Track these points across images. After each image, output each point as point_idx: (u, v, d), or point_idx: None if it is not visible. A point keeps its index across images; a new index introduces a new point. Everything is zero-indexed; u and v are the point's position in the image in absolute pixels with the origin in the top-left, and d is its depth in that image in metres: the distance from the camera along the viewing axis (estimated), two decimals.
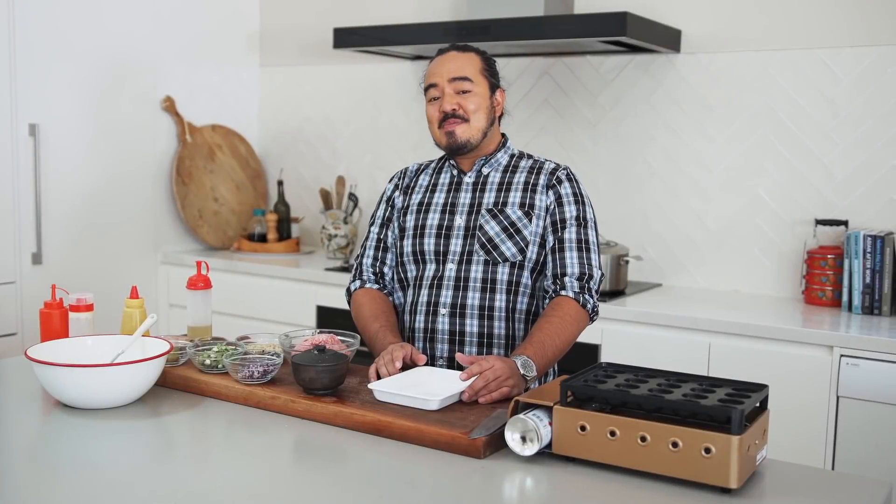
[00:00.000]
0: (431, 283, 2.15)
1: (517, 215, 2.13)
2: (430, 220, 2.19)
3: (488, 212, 2.14)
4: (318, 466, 1.63)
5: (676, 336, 2.86)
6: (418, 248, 2.18)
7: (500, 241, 2.11)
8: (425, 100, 2.18)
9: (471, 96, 2.12)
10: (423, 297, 2.16)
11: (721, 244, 3.37)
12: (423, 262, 2.18)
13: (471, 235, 2.14)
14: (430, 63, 2.19)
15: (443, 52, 2.19)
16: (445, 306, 2.13)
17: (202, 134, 4.14)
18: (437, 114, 2.13)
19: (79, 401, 1.79)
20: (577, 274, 2.09)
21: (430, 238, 2.17)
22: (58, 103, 3.57)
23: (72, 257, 3.64)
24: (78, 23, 3.61)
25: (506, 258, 2.11)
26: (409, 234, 2.21)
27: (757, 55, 3.25)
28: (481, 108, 2.13)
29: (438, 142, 2.17)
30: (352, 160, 4.21)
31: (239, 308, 3.74)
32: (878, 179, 3.06)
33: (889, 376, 2.54)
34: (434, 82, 2.14)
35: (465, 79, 2.12)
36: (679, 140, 3.42)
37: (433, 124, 2.16)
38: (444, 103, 2.12)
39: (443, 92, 2.12)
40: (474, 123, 2.12)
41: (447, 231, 2.16)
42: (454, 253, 2.14)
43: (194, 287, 2.19)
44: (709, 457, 1.43)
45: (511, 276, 2.12)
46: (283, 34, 4.35)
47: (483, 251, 2.12)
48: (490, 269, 2.12)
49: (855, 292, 2.93)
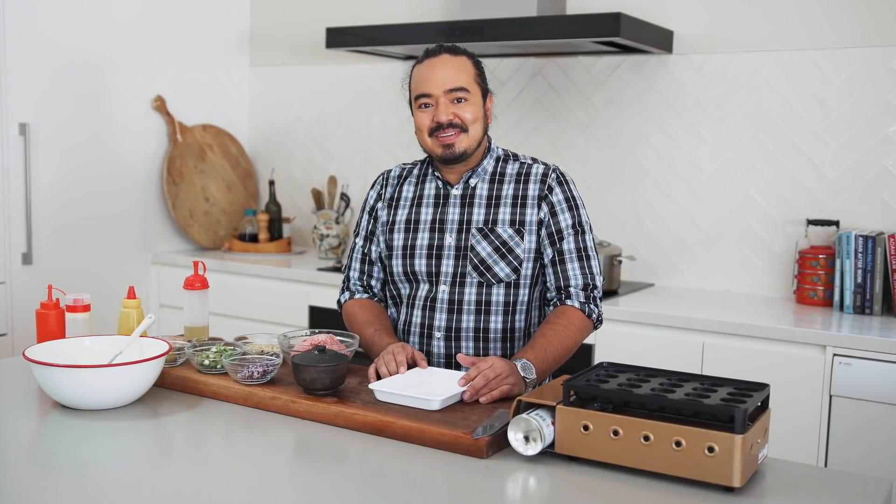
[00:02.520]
0: (425, 305, 2.11)
1: (508, 234, 2.07)
2: (419, 240, 2.13)
3: (479, 231, 2.08)
4: (319, 467, 1.62)
5: (670, 336, 2.88)
6: (409, 268, 2.13)
7: (493, 261, 2.07)
8: (411, 104, 2.09)
9: (467, 105, 2.04)
10: (416, 318, 2.13)
11: (713, 244, 3.38)
12: (414, 282, 2.14)
13: (462, 256, 2.08)
14: (419, 65, 2.08)
15: (432, 54, 2.08)
16: (440, 329, 2.09)
17: (193, 134, 4.13)
18: (430, 122, 2.04)
19: (78, 402, 1.78)
20: (581, 284, 2.08)
21: (421, 259, 2.12)
22: (48, 102, 3.55)
23: (62, 257, 3.62)
24: (68, 22, 3.59)
25: (500, 279, 2.07)
26: (397, 253, 2.15)
27: (749, 56, 3.27)
28: (478, 118, 2.06)
29: (430, 150, 2.09)
30: (343, 160, 4.20)
31: (230, 308, 3.73)
32: (869, 180, 3.08)
33: (881, 375, 2.56)
34: (428, 91, 2.04)
35: (462, 89, 2.03)
36: (671, 140, 3.43)
37: (422, 132, 2.07)
38: (439, 113, 2.03)
39: (437, 101, 2.03)
40: (472, 133, 2.05)
41: (438, 251, 2.11)
42: (446, 274, 2.09)
43: (191, 287, 2.18)
44: (712, 456, 1.43)
45: (507, 297, 2.08)
46: (273, 34, 4.34)
47: (476, 273, 2.07)
48: (484, 290, 2.08)
49: (846, 292, 2.95)
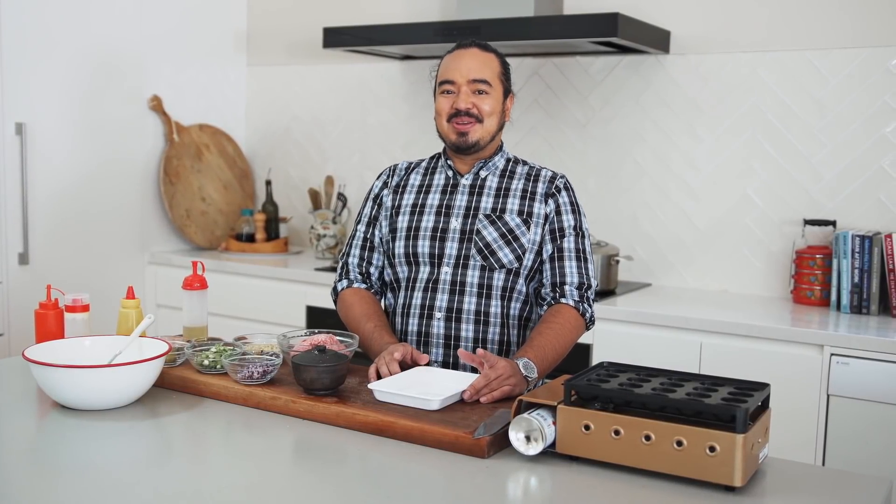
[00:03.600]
0: (426, 286, 2.13)
1: (515, 222, 2.12)
2: (424, 223, 2.16)
3: (486, 217, 2.12)
4: (319, 467, 1.62)
5: (668, 336, 2.88)
6: (411, 249, 2.15)
7: (498, 247, 2.10)
8: (436, 91, 2.14)
9: (486, 98, 2.10)
10: (416, 299, 2.14)
11: (710, 244, 3.39)
12: (415, 265, 2.16)
13: (467, 239, 2.12)
14: (449, 55, 2.15)
15: (463, 45, 2.14)
16: (441, 310, 2.11)
17: (189, 133, 4.12)
18: (450, 108, 2.11)
19: (78, 402, 1.78)
20: (576, 283, 2.11)
21: (425, 240, 2.14)
22: (45, 102, 3.54)
23: (59, 257, 3.61)
24: (65, 21, 3.58)
25: (502, 265, 2.10)
26: (401, 234, 2.17)
27: (745, 56, 3.27)
28: (495, 112, 2.12)
29: (445, 136, 2.15)
30: (340, 160, 4.20)
31: (227, 308, 3.72)
32: (865, 180, 3.09)
33: (879, 375, 2.57)
34: (452, 79, 2.10)
35: (484, 81, 2.09)
36: (668, 140, 3.43)
37: (442, 117, 2.13)
38: (459, 101, 2.09)
39: (459, 89, 2.10)
40: (487, 126, 2.11)
41: (442, 234, 2.14)
42: (450, 256, 2.12)
43: (190, 287, 2.18)
44: (713, 455, 1.44)
45: (506, 283, 2.11)
46: (269, 34, 4.34)
47: (480, 256, 2.11)
48: (486, 274, 2.11)
49: (843, 292, 2.96)
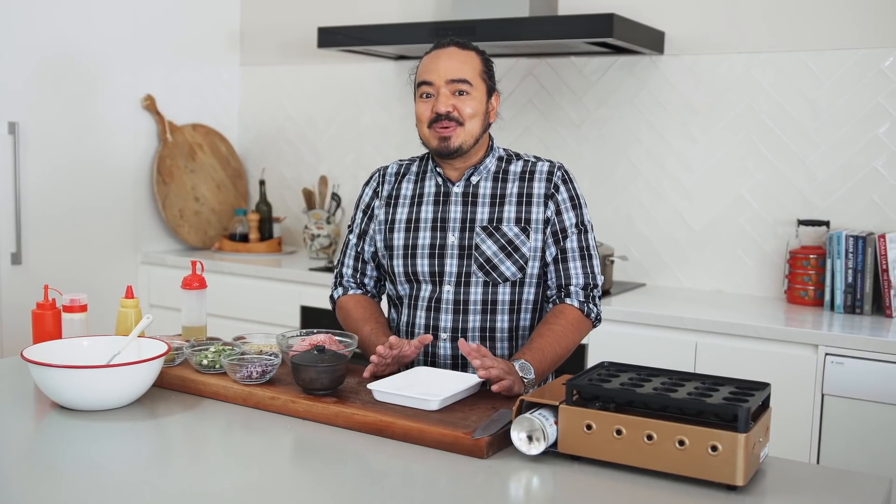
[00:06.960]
0: (429, 306, 2.07)
1: (514, 232, 2.04)
2: (420, 240, 2.08)
3: (483, 230, 2.04)
4: (319, 467, 1.62)
5: (663, 335, 2.89)
6: (411, 269, 2.08)
7: (499, 260, 2.04)
8: (415, 94, 2.05)
9: (468, 99, 2.00)
10: (420, 319, 2.08)
11: (705, 244, 3.40)
12: (416, 283, 2.09)
13: (467, 255, 2.04)
14: (426, 56, 2.05)
15: (441, 46, 2.04)
16: (446, 331, 2.05)
17: (183, 133, 4.11)
18: (429, 113, 2.01)
19: (77, 402, 1.77)
20: (581, 283, 2.07)
21: (424, 259, 2.07)
22: (38, 101, 3.53)
23: (52, 257, 3.59)
24: (58, 21, 3.57)
25: (506, 278, 2.04)
26: (398, 253, 2.10)
27: (740, 57, 3.28)
28: (478, 114, 2.01)
29: (427, 142, 2.05)
30: (334, 160, 4.19)
31: (221, 308, 3.71)
32: (859, 180, 3.10)
33: (873, 374, 2.58)
34: (429, 80, 2.00)
35: (464, 81, 1.99)
36: (663, 141, 3.44)
37: (422, 123, 2.03)
38: (438, 104, 1.99)
39: (438, 91, 1.99)
40: (469, 128, 2.01)
41: (440, 250, 2.06)
42: (451, 274, 2.05)
43: (189, 287, 2.17)
44: (715, 455, 1.44)
45: (513, 296, 2.06)
46: (263, 33, 4.33)
47: (482, 272, 2.04)
48: (490, 289, 2.05)
49: (837, 292, 2.98)
